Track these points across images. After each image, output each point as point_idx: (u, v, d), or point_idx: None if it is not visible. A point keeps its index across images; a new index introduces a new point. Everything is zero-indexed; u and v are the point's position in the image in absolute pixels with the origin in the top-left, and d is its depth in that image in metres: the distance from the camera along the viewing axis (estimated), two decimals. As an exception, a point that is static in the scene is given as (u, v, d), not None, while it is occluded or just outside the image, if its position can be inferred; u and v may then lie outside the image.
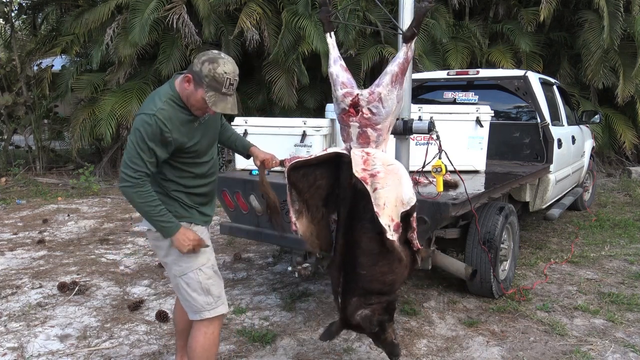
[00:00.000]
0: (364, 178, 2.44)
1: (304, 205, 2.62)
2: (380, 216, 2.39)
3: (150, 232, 2.37)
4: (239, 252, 5.17)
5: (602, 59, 9.52)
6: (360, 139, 2.54)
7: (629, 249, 5.29)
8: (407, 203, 2.46)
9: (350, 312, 2.59)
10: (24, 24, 12.64)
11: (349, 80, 2.63)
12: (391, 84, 2.48)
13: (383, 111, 2.49)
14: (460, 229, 3.81)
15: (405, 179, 2.50)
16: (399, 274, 2.57)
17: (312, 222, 2.65)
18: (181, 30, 8.69)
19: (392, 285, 2.59)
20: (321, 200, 2.62)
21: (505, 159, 5.20)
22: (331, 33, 2.80)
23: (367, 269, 2.50)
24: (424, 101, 5.24)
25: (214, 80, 2.11)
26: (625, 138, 10.07)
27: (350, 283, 2.59)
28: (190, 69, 2.18)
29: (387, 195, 2.43)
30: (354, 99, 2.52)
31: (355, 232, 2.51)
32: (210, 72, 2.11)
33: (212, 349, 2.41)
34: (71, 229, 6.29)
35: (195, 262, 2.35)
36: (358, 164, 2.47)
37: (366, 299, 2.57)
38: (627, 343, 3.23)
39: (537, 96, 5.07)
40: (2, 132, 11.22)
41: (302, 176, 2.60)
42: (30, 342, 3.26)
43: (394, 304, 2.68)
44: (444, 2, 9.96)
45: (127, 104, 9.10)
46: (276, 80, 9.33)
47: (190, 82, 2.16)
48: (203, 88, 2.13)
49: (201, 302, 2.36)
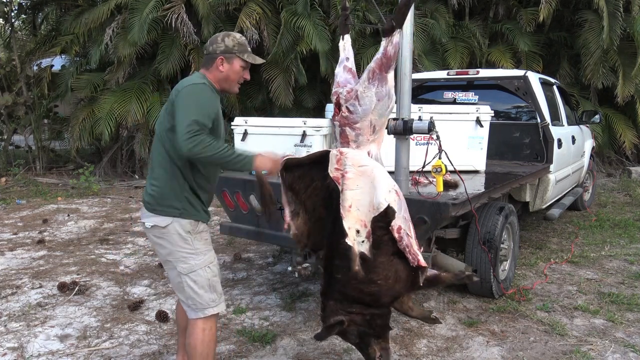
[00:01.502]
0: (337, 178, 2.37)
1: (301, 207, 2.57)
2: (344, 218, 2.28)
3: (152, 229, 2.38)
4: (239, 252, 5.16)
5: (602, 59, 9.52)
6: (341, 138, 2.48)
7: (629, 249, 5.29)
8: (377, 208, 2.29)
9: (326, 315, 2.46)
10: (24, 23, 12.65)
11: (345, 81, 2.58)
12: (368, 81, 2.36)
13: (360, 109, 2.38)
14: (460, 229, 3.81)
15: (379, 182, 2.33)
16: (383, 287, 2.34)
17: (308, 223, 2.59)
18: (180, 30, 8.68)
19: (373, 297, 2.37)
20: (320, 201, 2.53)
21: (505, 159, 5.20)
22: (344, 36, 2.78)
23: (341, 273, 2.36)
24: (424, 101, 5.23)
25: (240, 45, 2.42)
26: (625, 138, 10.08)
27: (329, 285, 2.47)
28: (214, 52, 2.38)
29: (357, 198, 2.30)
30: (337, 98, 2.48)
31: (333, 233, 2.38)
32: (234, 41, 2.40)
33: (212, 344, 2.45)
34: (71, 229, 6.29)
35: (205, 259, 2.40)
36: (332, 163, 2.40)
37: (344, 306, 2.40)
38: (627, 343, 3.23)
39: (537, 96, 5.07)
40: (2, 132, 11.21)
41: (299, 178, 2.54)
42: (30, 342, 3.26)
43: (382, 319, 2.45)
44: (443, 2, 9.96)
45: (126, 104, 9.10)
46: (273, 80, 9.33)
47: (223, 62, 2.38)
48: (236, 56, 2.39)
49: (207, 299, 2.40)
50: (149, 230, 2.41)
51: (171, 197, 2.35)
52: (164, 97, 9.58)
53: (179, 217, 2.35)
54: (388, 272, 2.34)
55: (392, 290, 2.39)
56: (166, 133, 2.33)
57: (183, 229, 2.35)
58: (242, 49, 2.42)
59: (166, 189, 2.35)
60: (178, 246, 2.36)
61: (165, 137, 2.35)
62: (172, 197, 2.35)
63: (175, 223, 2.35)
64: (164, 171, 2.36)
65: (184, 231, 2.35)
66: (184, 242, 2.36)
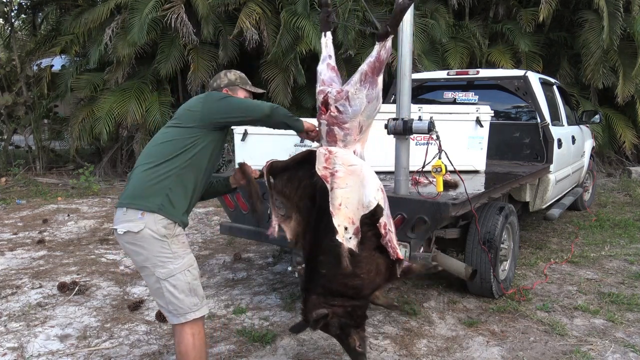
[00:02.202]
0: (325, 176, 2.42)
1: (294, 209, 2.61)
2: (334, 216, 2.34)
3: (126, 235, 2.29)
4: (239, 252, 5.16)
5: (602, 59, 9.52)
6: (328, 137, 2.52)
7: (629, 249, 5.29)
8: (367, 206, 2.38)
9: (308, 309, 2.53)
10: (24, 23, 12.64)
11: (330, 79, 2.63)
12: (360, 83, 2.43)
13: (350, 110, 2.44)
14: (460, 229, 3.81)
15: (368, 181, 2.42)
16: (366, 280, 2.47)
17: (302, 224, 2.63)
18: (180, 30, 8.68)
19: (356, 290, 2.48)
20: (310, 200, 2.59)
21: (505, 159, 5.20)
22: (326, 33, 2.81)
23: (327, 268, 2.45)
24: (424, 101, 5.23)
25: (242, 78, 2.71)
26: (625, 138, 10.08)
27: (312, 280, 2.55)
28: (219, 87, 2.65)
29: (346, 197, 2.37)
30: (324, 97, 2.51)
31: (319, 230, 2.47)
32: (236, 75, 2.69)
33: (203, 347, 2.42)
34: (71, 229, 6.28)
35: (184, 262, 2.35)
36: (320, 161, 2.45)
37: (327, 299, 2.49)
38: (627, 343, 3.23)
39: (537, 96, 5.07)
40: (2, 132, 11.21)
41: (287, 181, 2.59)
42: (30, 342, 3.26)
43: (362, 310, 2.57)
44: (443, 2, 9.96)
45: (125, 104, 9.10)
46: (272, 79, 9.33)
47: (228, 93, 2.60)
48: (239, 87, 2.67)
49: (188, 303, 2.35)
50: (121, 237, 2.32)
51: (152, 192, 2.29)
52: (163, 97, 9.60)
53: (156, 213, 2.27)
54: (370, 266, 2.47)
55: (373, 283, 2.52)
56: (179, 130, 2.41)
57: (158, 232, 2.27)
58: (243, 82, 2.69)
59: (149, 182, 2.31)
60: (155, 251, 2.29)
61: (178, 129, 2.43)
62: (153, 192, 2.29)
63: (150, 226, 2.26)
64: (154, 166, 2.34)
65: (160, 235, 2.28)
66: (161, 246, 2.29)
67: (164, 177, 2.32)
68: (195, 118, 2.39)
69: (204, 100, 2.45)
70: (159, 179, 2.32)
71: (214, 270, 4.68)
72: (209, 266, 4.81)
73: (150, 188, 2.31)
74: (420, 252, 3.27)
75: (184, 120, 2.42)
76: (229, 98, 2.46)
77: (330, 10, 2.87)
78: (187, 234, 5.94)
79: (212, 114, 2.39)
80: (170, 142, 2.38)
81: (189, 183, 2.39)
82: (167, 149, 2.36)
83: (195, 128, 2.39)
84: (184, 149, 2.35)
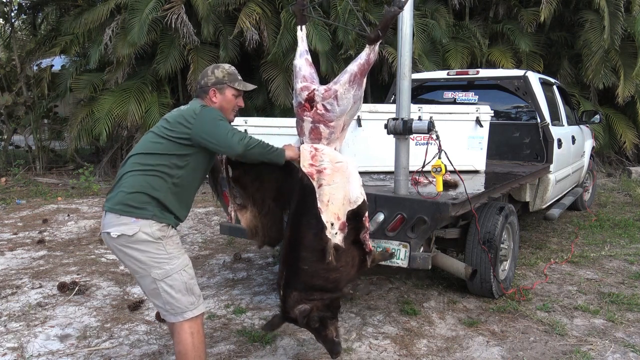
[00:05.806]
0: (311, 173, 2.46)
1: (249, 200, 2.66)
2: (322, 212, 2.41)
3: (120, 238, 2.29)
4: (239, 252, 5.16)
5: (603, 59, 9.52)
6: (312, 134, 2.57)
7: (629, 249, 5.29)
8: (354, 202, 2.48)
9: (289, 306, 2.59)
10: (24, 23, 12.65)
11: (311, 75, 2.67)
12: (349, 83, 2.50)
13: (337, 109, 2.51)
14: (460, 229, 3.81)
15: (353, 177, 2.51)
16: (344, 273, 2.58)
17: (257, 216, 2.66)
18: (180, 30, 8.68)
19: (335, 283, 2.58)
20: (269, 194, 2.65)
21: (505, 159, 5.20)
22: (302, 26, 2.83)
23: (309, 264, 2.51)
24: (424, 101, 5.24)
25: (230, 75, 2.51)
26: (626, 138, 10.08)
27: (292, 277, 2.59)
28: (206, 86, 2.48)
29: (333, 193, 2.44)
30: (310, 94, 2.55)
31: (301, 227, 2.53)
32: (224, 72, 2.50)
33: (202, 346, 2.43)
34: (71, 229, 6.28)
35: (179, 263, 2.36)
36: (306, 159, 2.49)
37: (307, 294, 2.56)
38: (627, 343, 3.23)
39: (537, 96, 5.07)
40: (2, 132, 11.21)
41: (244, 172, 2.62)
42: (30, 342, 3.26)
43: (338, 301, 2.68)
44: (444, 2, 9.96)
45: (125, 104, 9.09)
46: (273, 80, 9.33)
47: (215, 94, 2.48)
48: (227, 86, 2.49)
49: (185, 302, 2.37)
50: (114, 240, 2.31)
51: (145, 200, 2.29)
52: (162, 98, 9.59)
53: (150, 219, 2.28)
54: (348, 259, 2.58)
55: (349, 275, 2.65)
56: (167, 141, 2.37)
57: (152, 235, 2.28)
58: (232, 79, 2.51)
59: (141, 189, 2.31)
60: (150, 253, 2.29)
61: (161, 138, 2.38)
62: (145, 200, 2.29)
63: (144, 230, 2.27)
64: (145, 174, 2.33)
65: (154, 238, 2.29)
66: (156, 248, 2.30)
67: (157, 187, 2.31)
68: (186, 133, 2.34)
69: (197, 117, 2.36)
70: (151, 188, 2.30)
71: (214, 270, 4.68)
72: (209, 266, 4.81)
73: (142, 196, 2.30)
74: (421, 252, 3.27)
75: (177, 131, 2.36)
76: (218, 124, 2.35)
77: (305, 3, 2.88)
78: (187, 234, 5.96)
79: (201, 133, 2.34)
80: (165, 156, 2.34)
81: (184, 192, 2.40)
82: (161, 160, 2.34)
83: (187, 142, 2.35)
84: (177, 164, 2.34)
